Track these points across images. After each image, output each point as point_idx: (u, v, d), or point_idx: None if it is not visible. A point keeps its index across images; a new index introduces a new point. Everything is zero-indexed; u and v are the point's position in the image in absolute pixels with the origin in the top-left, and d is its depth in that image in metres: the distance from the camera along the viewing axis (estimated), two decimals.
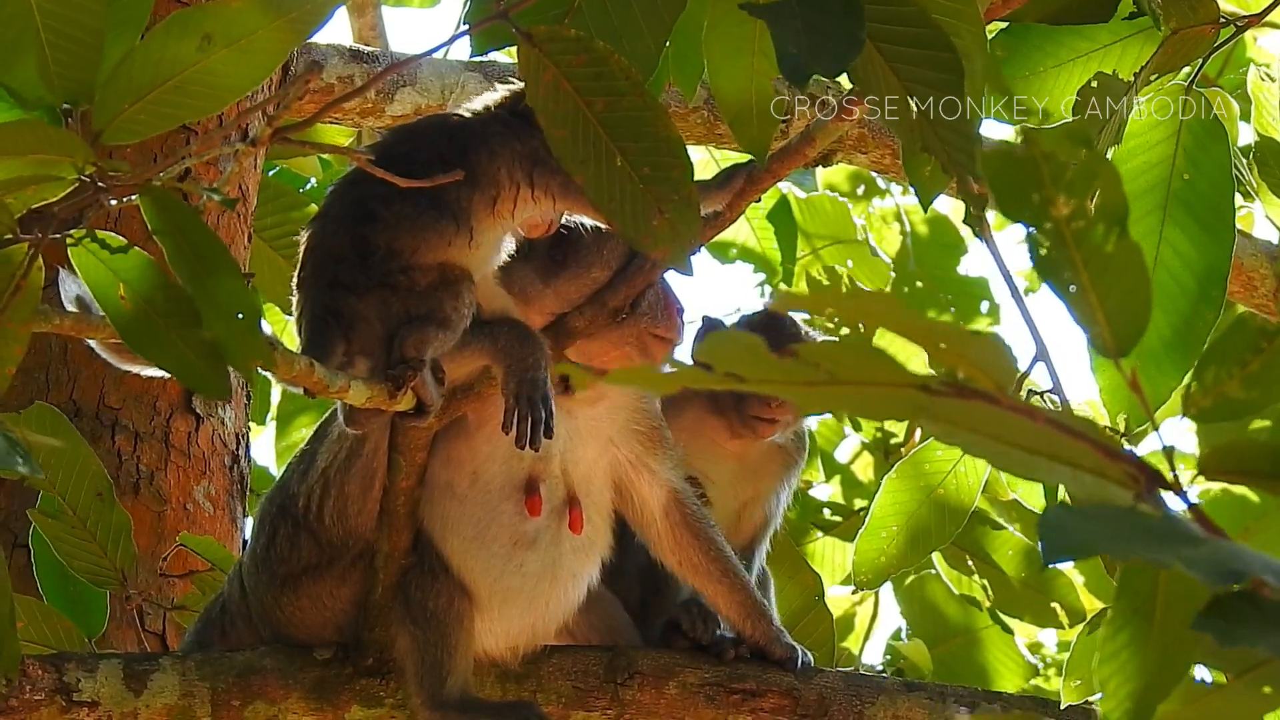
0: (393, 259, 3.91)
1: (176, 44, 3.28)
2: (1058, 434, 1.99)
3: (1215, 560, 1.92)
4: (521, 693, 4.35)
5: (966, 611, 6.95)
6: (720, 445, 4.73)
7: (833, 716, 4.44)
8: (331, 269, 3.94)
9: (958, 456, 4.51)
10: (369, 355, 3.90)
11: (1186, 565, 1.91)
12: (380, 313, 3.90)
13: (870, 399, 2.02)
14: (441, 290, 3.92)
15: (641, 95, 3.35)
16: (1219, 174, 4.09)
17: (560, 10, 3.50)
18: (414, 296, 3.90)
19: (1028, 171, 2.10)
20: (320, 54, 6.02)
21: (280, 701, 4.29)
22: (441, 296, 3.92)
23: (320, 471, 4.28)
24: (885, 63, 3.33)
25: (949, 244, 8.82)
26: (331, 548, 4.29)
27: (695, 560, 4.46)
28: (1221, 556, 1.93)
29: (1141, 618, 2.20)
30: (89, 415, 5.31)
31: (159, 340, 3.35)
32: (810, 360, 1.98)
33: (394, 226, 3.91)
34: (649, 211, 3.41)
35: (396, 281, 3.91)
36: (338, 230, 3.96)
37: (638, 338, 4.20)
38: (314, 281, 3.96)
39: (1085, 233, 2.11)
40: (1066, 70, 4.17)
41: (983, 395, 1.99)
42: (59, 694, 4.18)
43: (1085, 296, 2.14)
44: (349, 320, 3.90)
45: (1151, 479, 2.05)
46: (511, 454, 4.23)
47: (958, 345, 2.01)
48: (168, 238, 3.31)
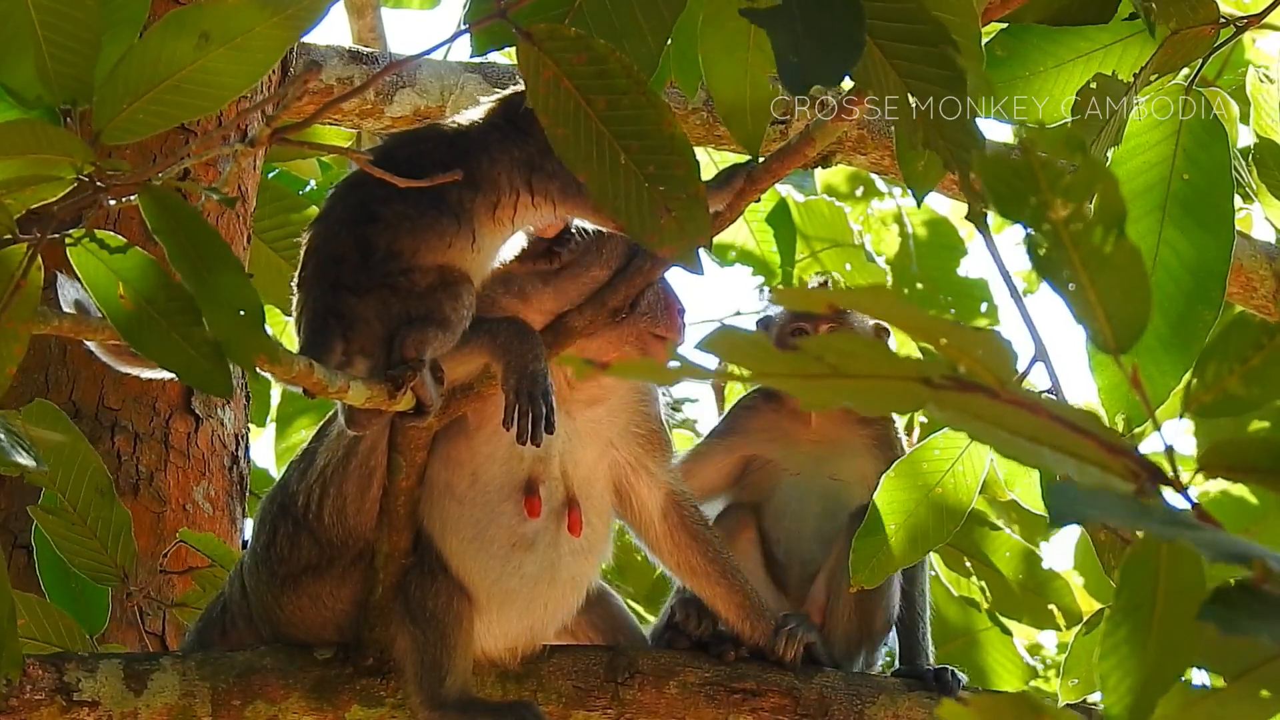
0: (393, 260, 3.91)
1: (174, 43, 3.28)
2: (1059, 428, 1.99)
3: (1219, 542, 1.93)
4: (522, 692, 4.35)
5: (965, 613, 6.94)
6: (788, 430, 4.75)
7: (833, 716, 4.44)
8: (333, 269, 3.93)
9: (956, 456, 4.51)
10: (368, 355, 3.90)
11: (1193, 543, 1.92)
12: (380, 313, 3.90)
13: (873, 392, 2.02)
14: (441, 292, 3.92)
15: (643, 93, 3.34)
16: (1218, 174, 4.09)
17: (561, 10, 3.49)
18: (414, 298, 3.90)
19: (1024, 176, 2.11)
20: (319, 55, 6.02)
21: (280, 701, 4.29)
22: (441, 298, 3.91)
23: (319, 471, 4.29)
24: (885, 60, 3.33)
25: (948, 245, 8.83)
26: (331, 547, 4.29)
27: (694, 562, 4.46)
28: (1225, 541, 1.94)
29: (1142, 613, 2.20)
30: (88, 416, 5.31)
31: (160, 339, 3.35)
32: (814, 353, 1.99)
33: (395, 227, 3.91)
34: (656, 210, 3.40)
35: (397, 283, 3.90)
36: (340, 231, 3.96)
37: (637, 337, 4.21)
38: (315, 282, 3.96)
39: (1083, 235, 2.11)
40: (1067, 70, 4.17)
41: (983, 389, 2.00)
42: (59, 693, 4.18)
43: (1084, 294, 2.15)
44: (349, 320, 3.90)
45: (1152, 474, 2.05)
46: (511, 455, 4.23)
47: (958, 340, 2.01)
48: (168, 236, 3.31)
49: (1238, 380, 2.21)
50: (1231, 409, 2.22)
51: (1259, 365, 2.20)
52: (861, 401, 2.03)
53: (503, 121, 4.04)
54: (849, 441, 4.78)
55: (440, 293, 3.92)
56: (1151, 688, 2.20)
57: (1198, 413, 2.22)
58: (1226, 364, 2.21)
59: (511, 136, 3.99)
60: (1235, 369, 2.21)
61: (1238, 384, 2.21)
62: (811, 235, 8.52)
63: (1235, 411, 2.22)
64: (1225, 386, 2.21)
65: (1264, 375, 2.20)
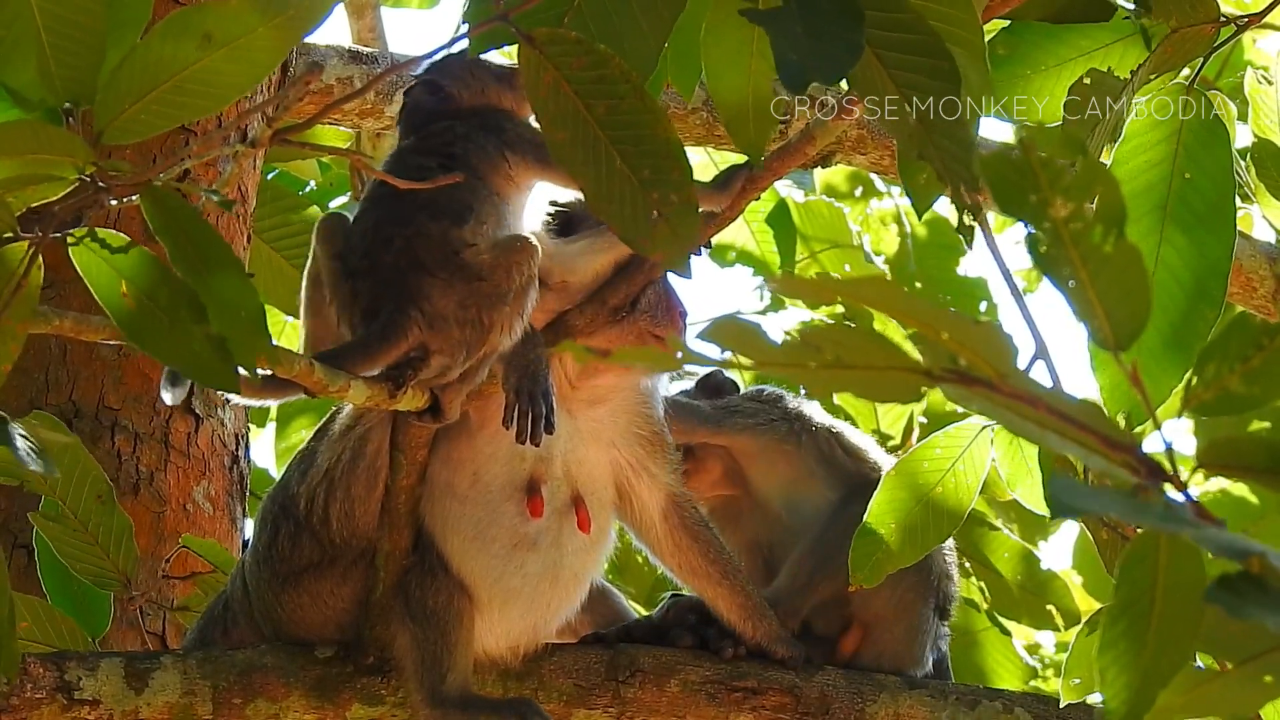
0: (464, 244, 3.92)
1: (176, 44, 3.28)
2: (1059, 421, 2.00)
3: (1219, 538, 1.94)
4: (523, 690, 4.36)
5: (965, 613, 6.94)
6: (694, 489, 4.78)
7: (834, 714, 4.44)
8: (407, 251, 3.92)
9: (956, 456, 4.51)
10: (445, 356, 3.90)
11: (1194, 538, 1.93)
12: (459, 309, 3.90)
13: (874, 382, 2.03)
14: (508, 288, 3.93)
15: (642, 98, 3.35)
16: (1220, 173, 4.09)
17: (560, 10, 3.49)
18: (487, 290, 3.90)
19: (1024, 175, 2.12)
20: (319, 55, 6.03)
21: (281, 699, 4.30)
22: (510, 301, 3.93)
23: (324, 472, 4.28)
24: (883, 69, 3.34)
25: (948, 244, 8.83)
26: (333, 547, 4.30)
27: (694, 564, 4.47)
28: (1225, 536, 1.95)
29: (1141, 608, 2.20)
30: (88, 416, 5.31)
31: (163, 336, 3.35)
32: (815, 344, 2.00)
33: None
34: (648, 214, 3.41)
35: (468, 265, 3.89)
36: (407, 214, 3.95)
37: (637, 336, 4.21)
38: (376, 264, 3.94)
39: (1083, 233, 2.12)
40: (1068, 69, 4.17)
41: (983, 382, 2.00)
42: (60, 692, 4.18)
43: (1084, 292, 2.16)
44: (430, 315, 3.88)
45: (1152, 470, 2.06)
46: (513, 455, 4.23)
47: (960, 333, 2.02)
48: (169, 236, 3.31)
49: (1238, 379, 2.21)
50: (1232, 408, 2.23)
51: (1259, 365, 2.21)
52: (862, 391, 2.04)
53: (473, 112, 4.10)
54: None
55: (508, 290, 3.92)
56: (1151, 683, 2.20)
57: (1198, 411, 2.23)
58: (1227, 363, 2.22)
59: (479, 113, 4.03)
60: (1236, 368, 2.21)
61: (1238, 383, 2.21)
62: (811, 236, 8.52)
63: (1235, 410, 2.23)
64: (1225, 385, 2.22)
65: (1264, 374, 2.21)
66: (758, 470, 4.85)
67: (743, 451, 4.87)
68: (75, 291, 4.10)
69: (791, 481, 4.82)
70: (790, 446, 4.83)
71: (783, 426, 4.84)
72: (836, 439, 4.87)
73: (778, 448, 4.84)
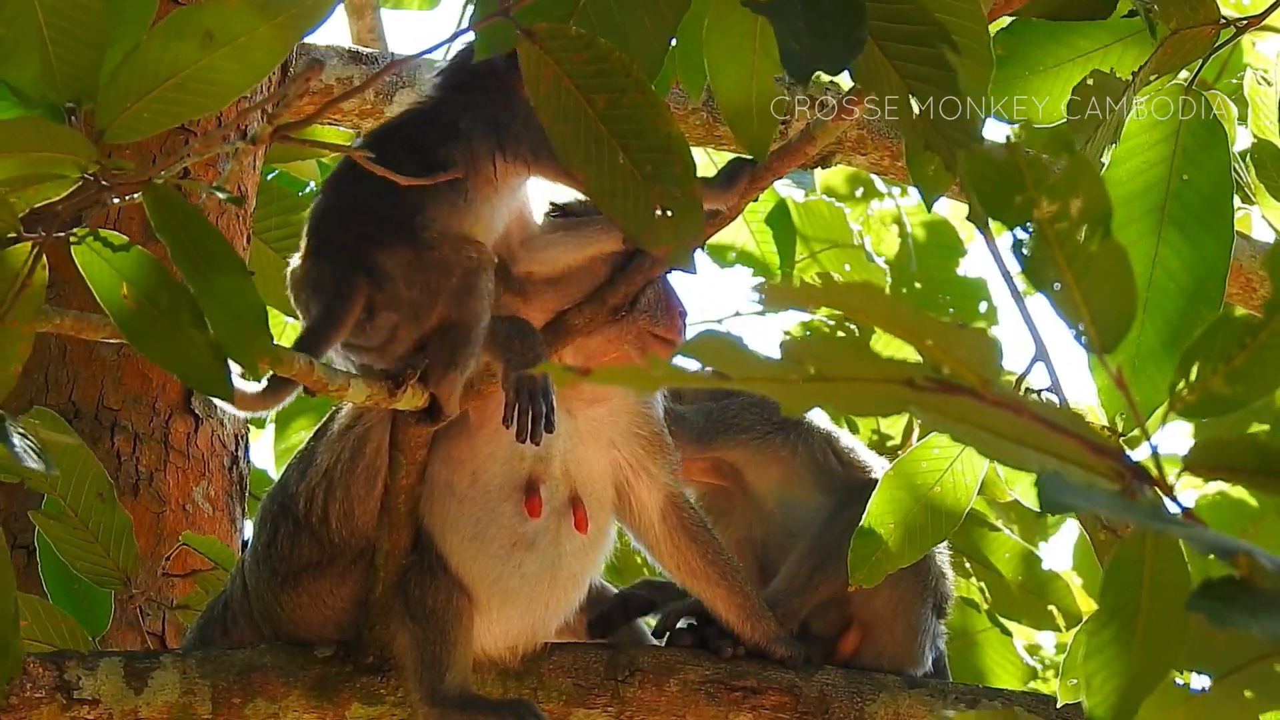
0: (418, 214, 3.88)
1: (177, 43, 3.29)
2: (1043, 428, 1.99)
3: (1206, 536, 1.92)
4: (522, 690, 4.36)
5: (965, 614, 6.94)
6: None
7: (834, 714, 4.44)
8: (355, 226, 3.89)
9: (954, 456, 4.51)
10: (394, 310, 3.86)
11: (1181, 535, 1.91)
12: (408, 275, 3.86)
13: (857, 395, 2.01)
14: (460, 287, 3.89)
15: (643, 93, 3.35)
16: (1219, 174, 4.09)
17: (565, 9, 3.49)
18: (441, 270, 3.86)
19: (1009, 174, 2.10)
20: (319, 55, 6.03)
21: (281, 699, 4.30)
22: (464, 299, 3.89)
23: (323, 472, 4.28)
24: (887, 60, 3.34)
25: (948, 245, 8.83)
26: (332, 546, 4.30)
27: (693, 564, 4.47)
28: (1212, 535, 1.93)
29: (1127, 613, 2.19)
30: (88, 416, 5.31)
31: (163, 339, 3.35)
32: (797, 357, 1.98)
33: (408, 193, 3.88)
34: (651, 209, 3.41)
35: (422, 239, 3.86)
36: (360, 196, 3.92)
37: (637, 336, 4.20)
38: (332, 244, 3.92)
39: (1068, 233, 2.10)
40: (1067, 69, 4.17)
41: (967, 390, 1.99)
42: (59, 692, 4.18)
43: (1069, 294, 2.14)
44: (378, 276, 3.86)
45: (1138, 475, 2.04)
46: (512, 454, 4.23)
47: (944, 340, 2.00)
48: (170, 235, 3.31)
49: (1221, 379, 2.19)
50: (1215, 409, 2.20)
51: (1242, 364, 2.18)
52: (845, 404, 2.02)
53: (457, 88, 4.04)
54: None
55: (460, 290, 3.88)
56: (1136, 688, 2.18)
57: (1182, 413, 2.20)
58: (1210, 363, 2.19)
59: (475, 101, 3.99)
60: (1219, 368, 2.19)
61: (1221, 383, 2.19)
62: (811, 236, 8.52)
63: (1219, 411, 2.20)
64: (1209, 386, 2.19)
65: (1247, 374, 2.18)
66: (751, 471, 4.85)
67: (735, 459, 4.87)
68: (75, 291, 4.11)
69: (785, 484, 4.82)
70: (785, 453, 4.83)
71: (777, 438, 4.84)
72: (831, 445, 4.87)
73: (772, 456, 4.84)
